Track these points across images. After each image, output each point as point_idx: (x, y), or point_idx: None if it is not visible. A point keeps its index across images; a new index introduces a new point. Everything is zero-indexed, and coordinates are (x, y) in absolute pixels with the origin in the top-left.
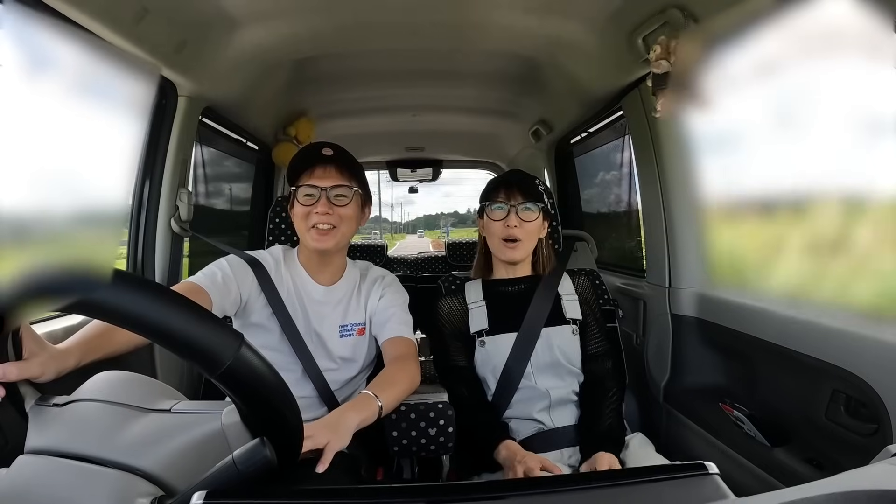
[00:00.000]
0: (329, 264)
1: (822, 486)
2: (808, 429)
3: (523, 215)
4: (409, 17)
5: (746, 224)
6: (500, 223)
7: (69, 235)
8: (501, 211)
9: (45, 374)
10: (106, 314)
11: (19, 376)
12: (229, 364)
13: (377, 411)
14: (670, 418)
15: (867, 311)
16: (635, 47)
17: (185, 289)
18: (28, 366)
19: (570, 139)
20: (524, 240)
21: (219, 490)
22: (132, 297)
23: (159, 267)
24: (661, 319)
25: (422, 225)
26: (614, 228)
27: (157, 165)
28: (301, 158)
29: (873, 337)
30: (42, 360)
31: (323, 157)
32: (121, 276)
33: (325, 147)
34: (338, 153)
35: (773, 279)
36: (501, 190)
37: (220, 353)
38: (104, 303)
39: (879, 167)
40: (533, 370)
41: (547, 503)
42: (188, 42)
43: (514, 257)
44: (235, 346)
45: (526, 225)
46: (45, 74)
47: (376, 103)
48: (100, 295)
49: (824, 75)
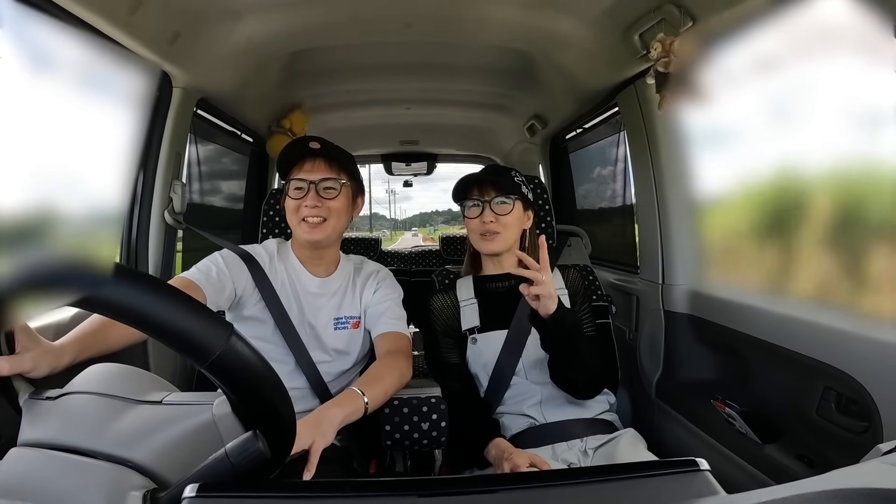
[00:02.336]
0: (322, 257)
1: (813, 484)
2: (800, 426)
3: (497, 209)
4: (404, 10)
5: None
6: (477, 220)
7: (65, 230)
8: (476, 208)
9: (38, 370)
10: (94, 305)
11: (10, 371)
12: (219, 354)
13: (362, 407)
14: (662, 414)
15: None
16: (631, 43)
17: (178, 284)
18: (20, 360)
19: (565, 134)
20: (502, 232)
21: (211, 483)
22: (120, 288)
23: (153, 258)
24: (654, 315)
25: (417, 222)
26: (608, 224)
27: (151, 156)
28: (289, 152)
29: (864, 335)
30: (35, 355)
31: (311, 150)
32: (109, 268)
33: (312, 141)
34: (325, 146)
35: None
36: (475, 187)
37: (209, 343)
38: (93, 294)
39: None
40: (524, 366)
41: (537, 498)
42: (182, 33)
43: (492, 249)
44: (225, 335)
45: (501, 218)
46: (39, 67)
47: (370, 96)
48: (88, 286)
49: (821, 73)
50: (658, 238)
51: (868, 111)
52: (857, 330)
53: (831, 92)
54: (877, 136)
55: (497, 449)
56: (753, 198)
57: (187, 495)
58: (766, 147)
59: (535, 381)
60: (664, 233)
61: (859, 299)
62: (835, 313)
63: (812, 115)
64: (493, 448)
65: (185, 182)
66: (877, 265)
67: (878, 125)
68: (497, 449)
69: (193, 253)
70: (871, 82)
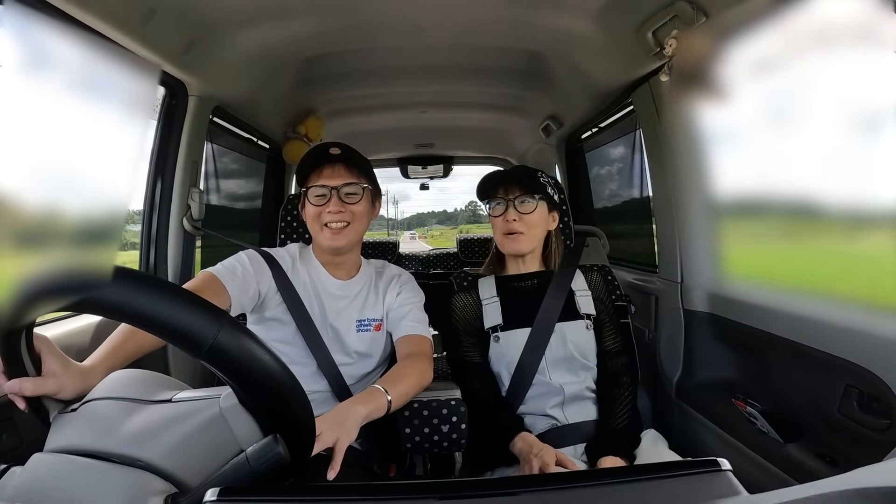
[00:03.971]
0: (344, 261)
1: (836, 483)
2: (821, 424)
3: (521, 208)
4: (416, 13)
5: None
6: (500, 218)
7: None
8: (500, 207)
9: (64, 392)
10: (86, 306)
11: (34, 392)
12: (213, 342)
13: (385, 405)
14: (682, 414)
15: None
16: (645, 41)
17: (202, 280)
18: (44, 383)
19: (581, 134)
20: (525, 232)
21: (232, 487)
22: (108, 286)
23: (171, 266)
24: (674, 315)
25: (415, 223)
26: (626, 223)
27: (168, 164)
28: (309, 159)
29: (886, 332)
30: (60, 378)
31: (331, 156)
32: (100, 269)
33: (332, 147)
34: (345, 151)
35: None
36: (500, 186)
37: (202, 331)
38: (84, 295)
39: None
40: (547, 365)
41: (559, 499)
42: (196, 42)
43: (516, 249)
44: (217, 323)
45: (525, 217)
46: (51, 75)
47: (385, 100)
48: (80, 288)
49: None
50: (676, 236)
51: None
52: (878, 327)
53: (843, 89)
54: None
55: (524, 443)
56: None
57: (208, 499)
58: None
59: (557, 380)
60: (682, 231)
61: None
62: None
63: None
64: (520, 441)
65: (203, 189)
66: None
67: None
68: (524, 443)
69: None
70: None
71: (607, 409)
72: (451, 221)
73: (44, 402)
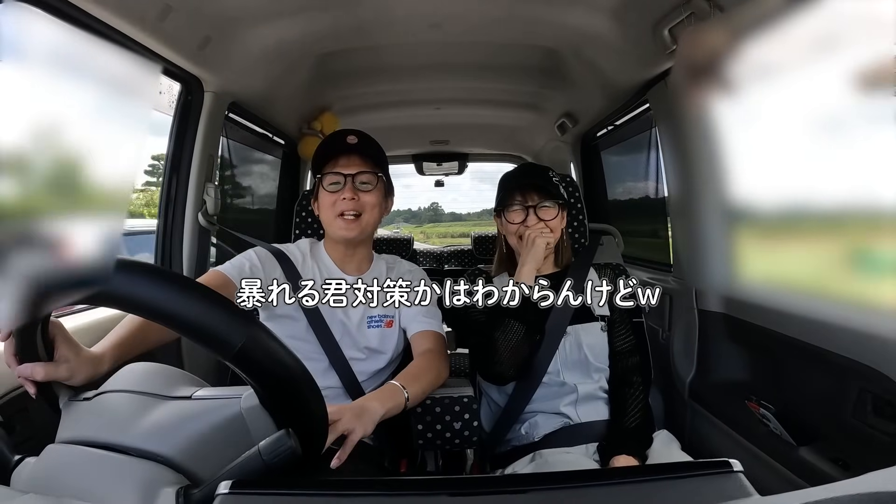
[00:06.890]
0: (355, 255)
1: (848, 487)
2: (835, 427)
3: (542, 214)
4: (431, 10)
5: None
6: (519, 225)
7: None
8: (519, 214)
9: (75, 378)
10: (117, 302)
11: (45, 377)
12: (241, 345)
13: (403, 403)
14: (695, 415)
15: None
16: (661, 38)
17: (211, 278)
18: (56, 368)
19: (596, 132)
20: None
21: (244, 480)
22: (143, 283)
23: (186, 261)
24: (688, 315)
25: (387, 221)
26: (641, 222)
27: (184, 160)
28: (326, 146)
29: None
30: (72, 364)
31: (347, 145)
32: (127, 265)
33: (349, 135)
34: (362, 141)
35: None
36: (517, 193)
37: (232, 335)
38: (114, 292)
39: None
40: (560, 367)
41: (569, 498)
42: (212, 38)
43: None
44: (246, 327)
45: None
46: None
47: (400, 97)
48: (110, 284)
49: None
50: (692, 236)
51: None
52: (892, 331)
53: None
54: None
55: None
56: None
57: (221, 492)
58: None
59: (571, 381)
60: (698, 231)
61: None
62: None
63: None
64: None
65: (218, 184)
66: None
67: None
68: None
69: (228, 256)
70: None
71: (619, 409)
72: (416, 220)
73: (54, 387)
